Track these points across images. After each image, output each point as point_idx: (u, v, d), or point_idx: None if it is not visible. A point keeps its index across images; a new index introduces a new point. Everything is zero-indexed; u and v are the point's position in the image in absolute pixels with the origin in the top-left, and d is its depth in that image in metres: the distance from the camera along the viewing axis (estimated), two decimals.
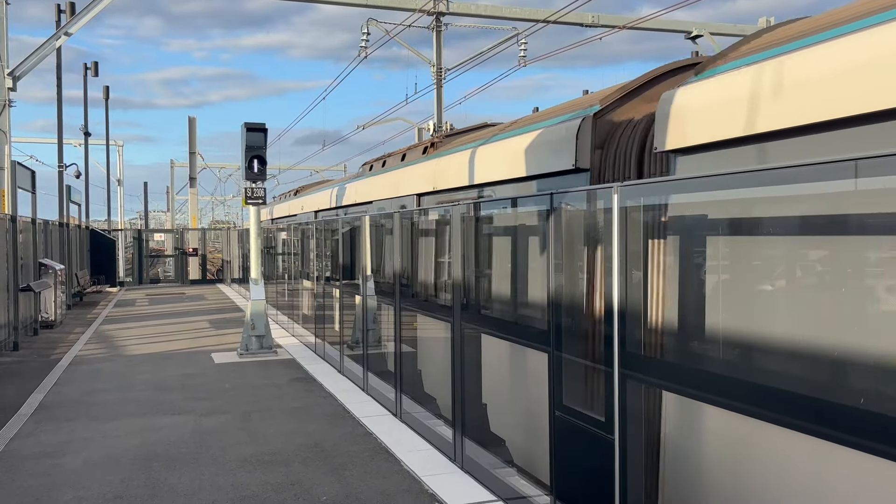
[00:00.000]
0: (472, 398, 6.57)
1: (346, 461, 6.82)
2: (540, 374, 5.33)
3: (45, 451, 7.21)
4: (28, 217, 17.13)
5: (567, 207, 5.02)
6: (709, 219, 4.33)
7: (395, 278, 8.43)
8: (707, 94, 4.84)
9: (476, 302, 6.67)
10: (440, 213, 8.46)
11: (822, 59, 3.94)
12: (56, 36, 16.91)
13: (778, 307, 3.90)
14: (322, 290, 12.81)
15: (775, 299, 3.92)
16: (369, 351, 9.67)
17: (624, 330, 4.24)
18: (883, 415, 2.87)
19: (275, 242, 19.23)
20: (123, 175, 48.18)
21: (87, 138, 32.34)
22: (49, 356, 13.02)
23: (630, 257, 4.25)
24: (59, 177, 24.40)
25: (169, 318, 18.52)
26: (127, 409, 8.90)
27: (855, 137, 3.71)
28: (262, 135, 12.59)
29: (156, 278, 35.00)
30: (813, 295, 3.72)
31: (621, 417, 4.24)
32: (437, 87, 22.38)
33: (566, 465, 4.93)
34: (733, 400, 3.64)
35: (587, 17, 22.17)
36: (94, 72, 32.06)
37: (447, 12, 21.88)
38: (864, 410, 2.99)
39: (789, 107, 4.09)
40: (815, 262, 3.70)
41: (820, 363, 3.53)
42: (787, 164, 3.36)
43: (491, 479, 5.97)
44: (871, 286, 3.36)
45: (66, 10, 21.20)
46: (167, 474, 6.51)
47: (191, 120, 40.85)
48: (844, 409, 3.07)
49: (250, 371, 11.32)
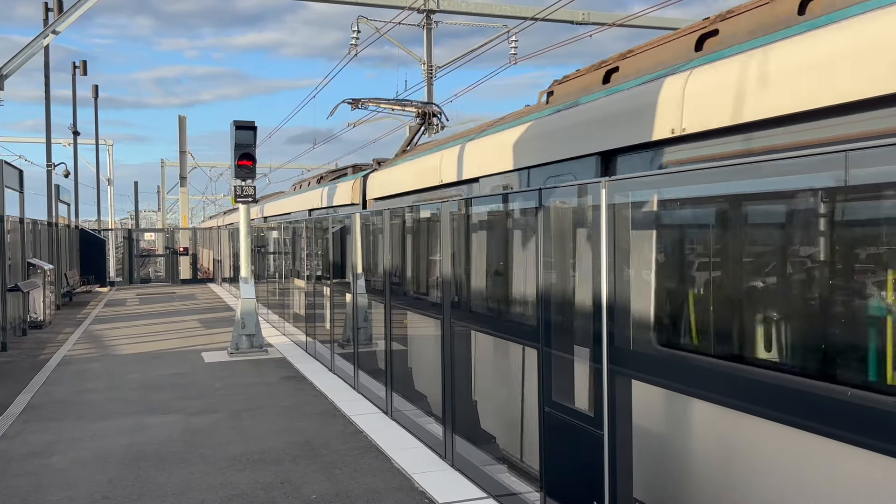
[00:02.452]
0: (463, 395, 6.56)
1: (336, 459, 6.80)
2: (530, 371, 5.32)
3: (32, 452, 7.16)
4: (16, 216, 17.01)
5: (556, 203, 5.01)
6: (695, 212, 4.33)
7: (385, 276, 8.41)
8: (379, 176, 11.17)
9: (465, 299, 6.65)
10: (430, 210, 8.44)
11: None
12: (43, 34, 16.79)
13: (763, 296, 3.90)
14: (313, 289, 12.77)
15: (765, 291, 3.92)
16: (360, 349, 9.65)
17: (612, 325, 4.23)
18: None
19: (265, 241, 19.18)
20: (114, 174, 47.97)
21: (76, 137, 32.15)
22: (38, 356, 12.93)
23: (618, 252, 4.24)
24: (47, 176, 24.25)
25: (159, 318, 18.43)
26: (116, 409, 8.84)
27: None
28: (252, 133, 12.53)
29: (146, 278, 34.83)
30: (804, 287, 3.72)
31: (610, 413, 4.23)
32: (428, 84, 22.35)
33: (556, 461, 4.93)
34: (723, 395, 3.64)
35: (578, 15, 22.19)
36: (83, 70, 31.88)
37: (438, 10, 21.86)
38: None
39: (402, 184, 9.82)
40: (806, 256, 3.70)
41: (809, 356, 3.53)
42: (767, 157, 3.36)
43: (481, 476, 5.96)
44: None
45: (53, 9, 21.06)
46: (156, 474, 6.47)
47: (181, 119, 40.72)
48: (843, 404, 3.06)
49: (241, 370, 11.27)
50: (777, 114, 4.08)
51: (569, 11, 20.91)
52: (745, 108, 4.30)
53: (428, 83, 22.34)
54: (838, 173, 3.12)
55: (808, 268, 3.67)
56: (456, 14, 22.61)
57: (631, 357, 4.21)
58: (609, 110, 5.77)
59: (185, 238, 34.16)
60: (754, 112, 4.23)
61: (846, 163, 3.01)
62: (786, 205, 3.75)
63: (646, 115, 5.09)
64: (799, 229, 3.77)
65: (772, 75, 4.11)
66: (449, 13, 22.45)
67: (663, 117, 4.91)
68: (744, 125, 4.33)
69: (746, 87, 4.30)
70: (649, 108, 5.08)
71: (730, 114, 4.41)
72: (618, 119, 5.56)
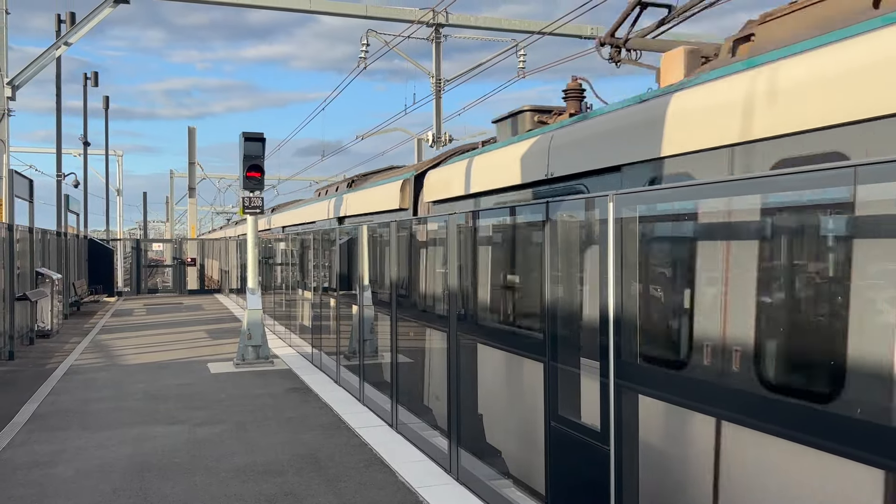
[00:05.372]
0: (468, 409, 6.53)
1: (340, 472, 6.77)
2: (535, 385, 5.29)
3: (37, 461, 7.15)
4: (25, 226, 17.09)
5: (563, 217, 5.00)
6: (703, 226, 4.31)
7: (392, 288, 8.40)
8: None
9: (472, 312, 6.63)
10: (437, 223, 8.42)
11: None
12: (56, 45, 16.95)
13: (773, 312, 3.87)
14: (319, 301, 12.76)
15: (769, 305, 3.90)
16: (366, 361, 9.63)
17: (619, 339, 4.21)
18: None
19: (272, 253, 19.21)
20: (123, 185, 48.19)
21: (86, 148, 32.36)
22: (44, 365, 12.95)
23: (625, 266, 4.22)
24: (57, 186, 24.41)
25: (166, 328, 18.46)
26: (121, 419, 8.84)
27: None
28: (260, 144, 12.58)
29: (154, 288, 34.91)
30: (813, 302, 3.69)
31: (616, 428, 4.20)
32: (437, 97, 22.42)
33: (562, 477, 4.89)
34: (729, 410, 3.61)
35: (586, 29, 22.22)
36: (94, 82, 32.12)
37: (446, 24, 21.94)
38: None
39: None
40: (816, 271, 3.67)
41: (815, 370, 3.50)
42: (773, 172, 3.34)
43: (486, 491, 5.92)
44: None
45: (66, 20, 21.25)
46: (160, 484, 6.45)
47: (190, 130, 40.95)
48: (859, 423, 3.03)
49: (246, 381, 11.26)
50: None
51: (577, 26, 20.96)
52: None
53: (436, 96, 22.41)
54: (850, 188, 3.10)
55: (824, 281, 3.65)
56: (464, 28, 22.69)
57: (638, 372, 4.18)
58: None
59: (193, 249, 34.24)
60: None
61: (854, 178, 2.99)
62: (799, 218, 3.73)
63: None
64: (807, 243, 3.75)
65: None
66: (457, 27, 22.52)
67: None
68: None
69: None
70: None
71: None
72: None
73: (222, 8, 20.99)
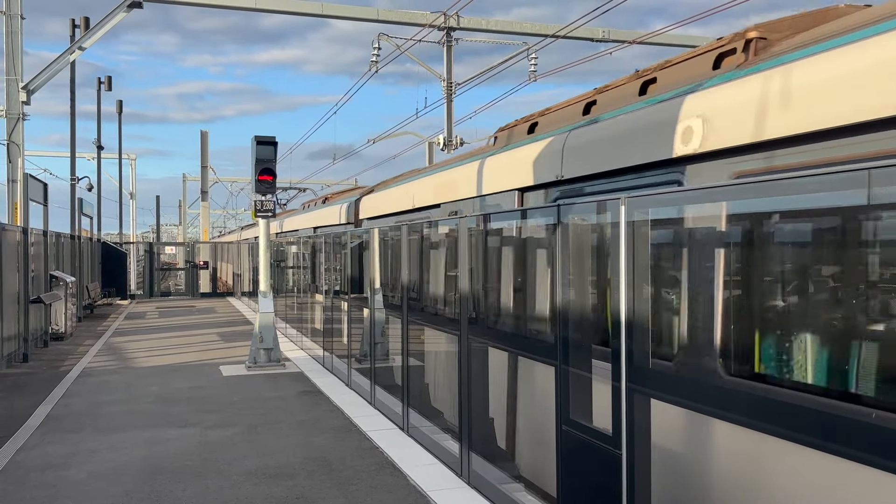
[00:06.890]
0: (479, 412, 6.51)
1: (351, 475, 6.77)
2: (547, 389, 5.27)
3: (50, 463, 7.20)
4: (40, 229, 17.23)
5: (574, 220, 4.98)
6: (716, 230, 4.28)
7: (403, 291, 8.40)
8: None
9: (483, 315, 6.62)
10: (449, 226, 8.42)
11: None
12: (70, 50, 17.08)
13: (783, 314, 3.84)
14: (330, 304, 12.78)
15: (790, 309, 3.86)
16: (377, 364, 9.63)
17: (631, 343, 4.18)
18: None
19: (284, 256, 19.27)
20: (136, 188, 48.53)
21: (99, 152, 32.61)
22: (58, 368, 13.04)
23: (637, 269, 4.20)
24: (71, 190, 24.60)
25: (178, 331, 18.55)
26: (134, 422, 8.88)
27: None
28: (272, 148, 12.63)
29: (167, 291, 35.11)
30: (822, 305, 3.65)
31: (629, 432, 4.17)
32: (448, 101, 22.43)
33: (573, 481, 4.86)
34: (744, 415, 3.58)
35: (598, 32, 22.18)
36: (107, 86, 32.38)
37: (458, 27, 21.96)
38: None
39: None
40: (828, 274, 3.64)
41: (837, 374, 3.46)
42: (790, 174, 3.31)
43: (498, 495, 5.90)
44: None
45: (80, 26, 21.43)
46: (172, 486, 6.48)
47: (203, 134, 41.21)
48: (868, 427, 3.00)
49: (258, 384, 11.29)
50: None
51: (589, 29, 20.93)
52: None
53: (447, 100, 22.43)
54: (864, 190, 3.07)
55: (840, 285, 3.61)
56: (476, 31, 22.70)
57: (650, 375, 4.15)
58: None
59: (205, 252, 34.42)
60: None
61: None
62: (813, 223, 3.69)
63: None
64: (821, 247, 3.72)
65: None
66: (469, 31, 22.53)
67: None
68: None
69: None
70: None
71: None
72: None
73: (235, 12, 21.10)
